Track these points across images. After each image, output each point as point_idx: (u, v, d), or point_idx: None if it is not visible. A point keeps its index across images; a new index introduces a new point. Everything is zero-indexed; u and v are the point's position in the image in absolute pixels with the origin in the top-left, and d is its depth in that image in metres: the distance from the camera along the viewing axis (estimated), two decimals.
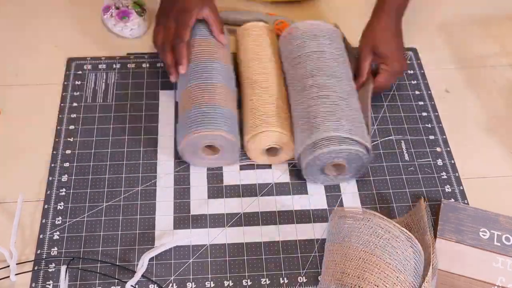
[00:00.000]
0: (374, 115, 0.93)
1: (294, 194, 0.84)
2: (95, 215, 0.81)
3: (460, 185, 0.86)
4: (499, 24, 1.08)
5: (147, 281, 0.75)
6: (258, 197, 0.84)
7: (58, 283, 0.74)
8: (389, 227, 0.69)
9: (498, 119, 0.95)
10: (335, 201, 0.84)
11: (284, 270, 0.77)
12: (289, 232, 0.80)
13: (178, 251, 0.78)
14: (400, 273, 0.67)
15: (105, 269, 0.76)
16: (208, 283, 0.76)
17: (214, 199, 0.83)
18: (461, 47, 1.01)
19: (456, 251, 0.76)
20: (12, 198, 0.81)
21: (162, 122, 0.91)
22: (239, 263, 0.77)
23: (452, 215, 0.79)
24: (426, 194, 0.85)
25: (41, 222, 0.80)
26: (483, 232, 0.78)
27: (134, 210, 0.82)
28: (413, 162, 0.88)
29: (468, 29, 1.06)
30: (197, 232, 0.80)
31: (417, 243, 0.69)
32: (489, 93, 0.98)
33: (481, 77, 1.00)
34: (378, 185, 0.86)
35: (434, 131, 0.92)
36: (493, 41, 1.06)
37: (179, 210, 0.82)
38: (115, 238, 0.79)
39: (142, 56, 0.99)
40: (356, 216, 0.71)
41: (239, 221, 0.81)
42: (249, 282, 0.76)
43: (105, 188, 0.83)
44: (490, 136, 0.92)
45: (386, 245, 0.68)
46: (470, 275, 0.75)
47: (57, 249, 0.78)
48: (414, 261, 0.69)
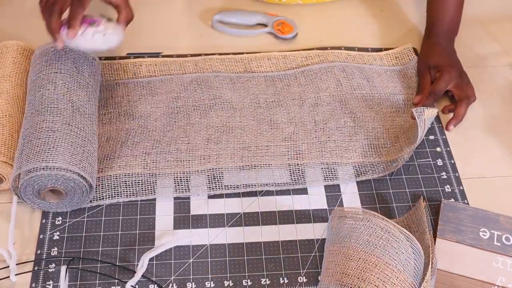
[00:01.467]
0: None
1: (294, 194, 0.84)
2: (95, 215, 0.81)
3: (460, 185, 0.86)
4: (499, 24, 1.08)
5: (147, 281, 0.75)
6: (258, 197, 0.84)
7: (58, 283, 0.74)
8: (388, 227, 0.69)
9: (498, 119, 0.95)
10: (335, 201, 0.84)
11: (284, 270, 0.77)
12: (289, 232, 0.80)
13: (178, 251, 0.78)
14: (400, 273, 0.67)
15: (105, 269, 0.76)
16: (208, 283, 0.76)
17: (214, 199, 0.83)
18: (461, 47, 1.01)
19: (456, 251, 0.76)
20: (11, 199, 0.81)
21: None
22: (239, 263, 0.77)
23: (452, 215, 0.79)
24: (426, 194, 0.85)
25: (41, 222, 0.80)
26: (483, 232, 0.78)
27: (134, 210, 0.82)
28: (413, 162, 0.88)
29: (468, 29, 1.06)
30: (197, 232, 0.80)
31: (417, 243, 0.69)
32: (489, 93, 0.98)
33: (481, 77, 1.00)
34: (378, 185, 0.86)
35: (434, 131, 0.92)
36: (493, 41, 1.06)
37: (179, 210, 0.82)
38: (115, 238, 0.79)
39: (142, 56, 0.99)
40: (356, 216, 0.71)
41: (239, 221, 0.81)
42: (249, 282, 0.76)
43: None
44: (490, 136, 0.92)
45: (386, 245, 0.68)
46: (470, 275, 0.75)
47: (57, 249, 0.78)
48: (414, 261, 0.69)
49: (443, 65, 0.94)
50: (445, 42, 0.98)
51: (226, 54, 0.99)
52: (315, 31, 1.06)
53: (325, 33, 1.05)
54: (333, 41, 1.03)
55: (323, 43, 1.03)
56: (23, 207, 0.81)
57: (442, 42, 0.97)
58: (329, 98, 0.93)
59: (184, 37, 1.04)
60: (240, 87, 0.94)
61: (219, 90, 0.93)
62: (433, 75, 0.95)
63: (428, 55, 0.97)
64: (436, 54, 0.96)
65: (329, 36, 1.04)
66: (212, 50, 1.01)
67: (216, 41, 1.03)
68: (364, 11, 1.10)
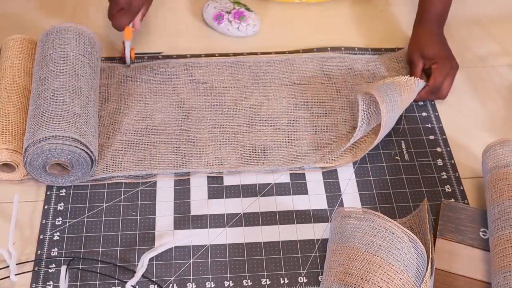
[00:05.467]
0: None
1: (294, 194, 0.84)
2: (95, 216, 0.81)
3: (460, 185, 0.86)
4: (499, 24, 1.08)
5: (147, 281, 0.75)
6: (258, 197, 0.84)
7: (58, 284, 0.74)
8: (392, 228, 0.69)
9: (498, 119, 0.95)
10: (335, 201, 0.84)
11: (285, 270, 0.77)
12: (289, 232, 0.80)
13: (178, 251, 0.78)
14: (403, 274, 0.67)
15: (105, 269, 0.76)
16: (209, 283, 0.76)
17: (214, 199, 0.83)
18: (461, 47, 1.01)
19: (456, 251, 0.76)
20: (11, 199, 0.81)
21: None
22: (239, 264, 0.77)
23: (452, 215, 0.79)
24: (426, 194, 0.85)
25: (41, 223, 0.80)
26: (483, 232, 0.78)
27: (134, 211, 0.82)
28: (413, 162, 0.88)
29: (468, 29, 1.06)
30: (197, 233, 0.80)
31: (420, 245, 0.69)
32: (489, 93, 0.98)
33: (481, 77, 1.00)
34: (378, 185, 0.86)
35: (434, 131, 0.92)
36: (493, 41, 1.06)
37: (179, 210, 0.82)
38: (115, 238, 0.79)
39: (142, 56, 0.99)
40: (359, 216, 0.71)
41: (239, 221, 0.81)
42: (250, 282, 0.76)
43: (105, 189, 0.83)
44: (490, 136, 0.92)
45: (390, 246, 0.68)
46: (470, 275, 0.75)
47: (57, 249, 0.78)
48: (416, 263, 0.69)
49: (438, 56, 0.94)
50: (437, 29, 0.97)
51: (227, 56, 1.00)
52: (315, 31, 1.06)
53: (325, 33, 1.05)
54: (333, 41, 1.03)
55: (323, 43, 1.03)
56: (24, 207, 0.81)
57: (434, 29, 0.96)
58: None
59: (184, 37, 1.04)
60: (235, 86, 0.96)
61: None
62: (427, 64, 0.94)
63: (422, 44, 0.95)
64: (431, 44, 0.95)
65: (329, 36, 1.04)
66: (212, 50, 1.01)
67: (216, 41, 1.03)
68: (364, 11, 1.10)
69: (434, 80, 0.92)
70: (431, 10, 0.97)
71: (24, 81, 0.87)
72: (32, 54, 0.91)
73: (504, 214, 0.73)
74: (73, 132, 0.77)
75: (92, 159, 0.79)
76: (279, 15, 1.08)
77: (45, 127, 0.77)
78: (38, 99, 0.81)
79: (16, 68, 0.88)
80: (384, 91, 0.84)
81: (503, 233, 0.72)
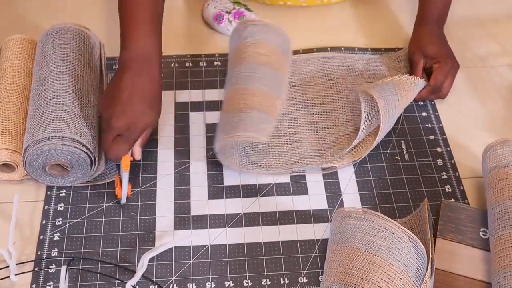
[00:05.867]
0: None
1: (294, 194, 0.84)
2: (95, 216, 0.81)
3: (460, 185, 0.86)
4: (499, 24, 1.09)
5: (147, 281, 0.75)
6: (258, 198, 0.84)
7: (58, 284, 0.74)
8: (392, 228, 0.69)
9: (498, 119, 0.95)
10: (335, 201, 0.84)
11: (285, 271, 0.77)
12: (289, 233, 0.80)
13: (178, 251, 0.78)
14: (403, 274, 0.67)
15: (105, 269, 0.76)
16: (209, 283, 0.76)
17: (214, 199, 0.83)
18: (461, 47, 1.01)
19: (456, 251, 0.76)
20: (11, 199, 0.81)
21: (163, 123, 0.91)
22: (239, 264, 0.77)
23: (452, 215, 0.79)
24: (426, 194, 0.85)
25: (41, 223, 0.80)
26: (483, 232, 0.78)
27: (134, 211, 0.82)
28: (413, 162, 0.88)
29: (468, 29, 1.06)
30: (197, 233, 0.80)
31: (420, 245, 0.69)
32: (489, 93, 0.98)
33: (481, 77, 1.00)
34: (378, 185, 0.86)
35: (434, 131, 0.92)
36: (493, 41, 1.06)
37: (179, 210, 0.82)
38: (115, 239, 0.79)
39: None
40: (359, 216, 0.71)
41: (240, 221, 0.81)
42: (250, 282, 0.76)
43: (105, 189, 0.83)
44: (490, 136, 0.91)
45: (390, 246, 0.68)
46: (470, 275, 0.74)
47: (58, 250, 0.78)
48: (417, 263, 0.69)
49: (440, 56, 0.94)
50: (437, 29, 0.97)
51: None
52: (315, 31, 1.06)
53: (325, 33, 1.05)
54: (333, 41, 1.03)
55: (323, 43, 1.03)
56: (24, 207, 0.81)
57: (434, 29, 0.97)
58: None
59: (184, 37, 1.04)
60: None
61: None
62: (428, 64, 0.95)
63: (423, 43, 0.96)
64: (431, 43, 0.95)
65: (329, 36, 1.04)
66: (212, 50, 1.01)
67: (216, 41, 1.03)
68: (364, 11, 1.10)
69: (435, 79, 0.92)
70: (431, 10, 0.97)
71: (24, 81, 0.87)
72: (32, 54, 0.91)
73: (505, 214, 0.73)
74: (73, 132, 0.77)
75: (92, 160, 0.79)
76: (279, 15, 1.08)
77: (45, 127, 0.77)
78: (38, 100, 0.81)
79: (16, 68, 0.88)
80: (383, 90, 0.84)
81: (504, 233, 0.72)
